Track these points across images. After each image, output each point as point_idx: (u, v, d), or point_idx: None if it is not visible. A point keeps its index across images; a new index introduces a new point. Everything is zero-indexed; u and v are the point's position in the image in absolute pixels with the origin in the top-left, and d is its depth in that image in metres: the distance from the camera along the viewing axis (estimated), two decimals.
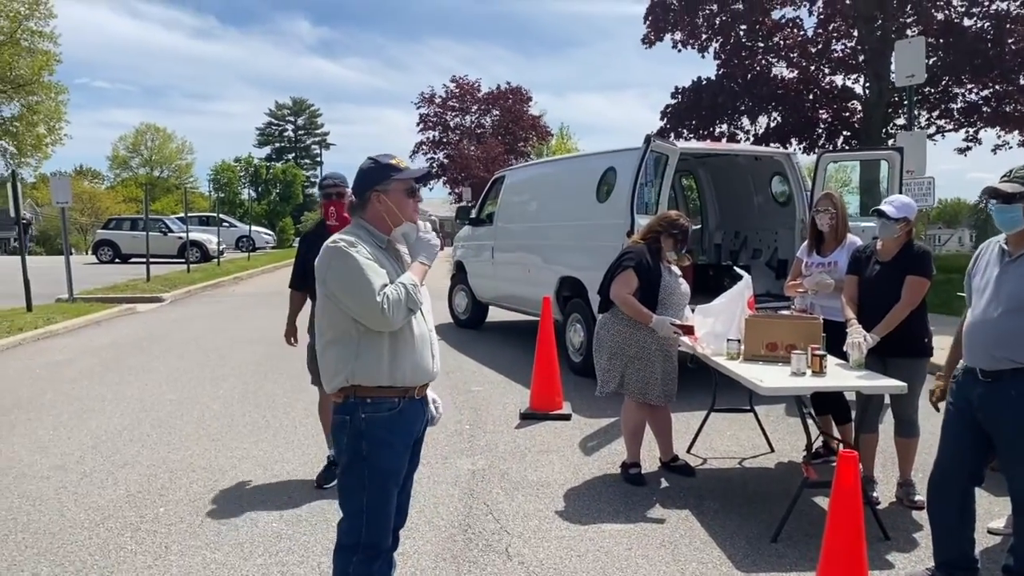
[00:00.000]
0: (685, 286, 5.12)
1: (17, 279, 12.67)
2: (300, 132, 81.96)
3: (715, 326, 4.95)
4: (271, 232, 41.90)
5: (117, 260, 26.39)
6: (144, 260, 20.75)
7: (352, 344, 2.70)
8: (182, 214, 32.42)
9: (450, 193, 53.55)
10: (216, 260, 24.29)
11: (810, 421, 4.66)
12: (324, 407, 5.06)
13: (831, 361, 4.44)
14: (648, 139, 6.88)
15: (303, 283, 4.97)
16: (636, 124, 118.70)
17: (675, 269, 5.11)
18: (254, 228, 34.63)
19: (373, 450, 2.74)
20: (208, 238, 25.97)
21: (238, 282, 19.89)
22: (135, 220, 27.92)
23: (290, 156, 79.39)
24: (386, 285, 2.64)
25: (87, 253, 33.78)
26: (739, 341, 4.79)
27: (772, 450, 5.71)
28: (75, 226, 51.92)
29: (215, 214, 31.30)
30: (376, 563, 2.81)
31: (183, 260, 23.39)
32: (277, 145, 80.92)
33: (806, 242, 5.35)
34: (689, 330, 4.88)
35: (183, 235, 25.28)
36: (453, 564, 3.89)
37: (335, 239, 2.72)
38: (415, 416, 2.86)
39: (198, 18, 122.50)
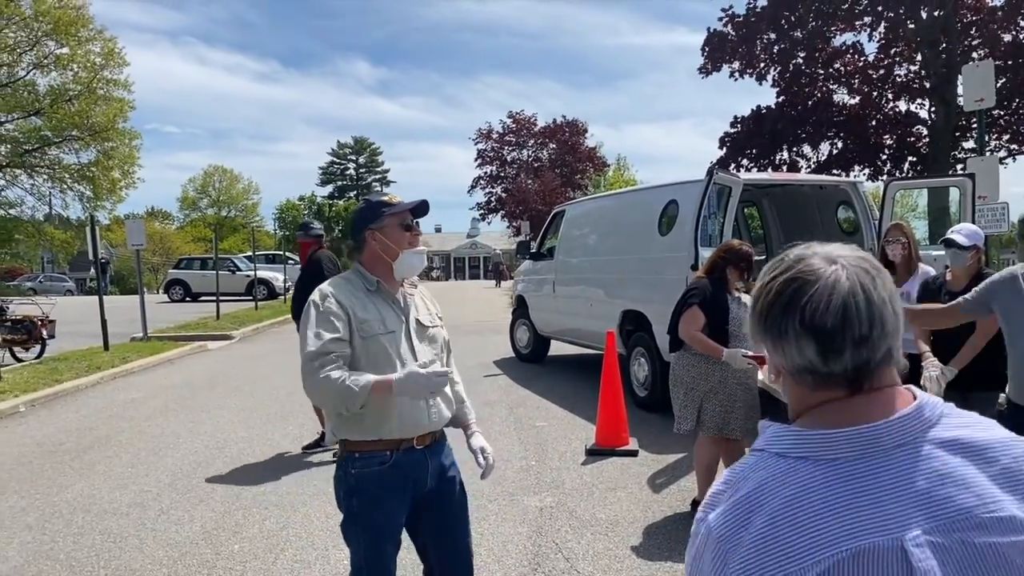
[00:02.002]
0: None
1: (94, 319, 13.15)
2: (361, 170, 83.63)
3: None
4: (336, 268, 42.65)
5: (188, 299, 27.17)
6: (214, 298, 21.36)
7: None
8: (249, 253, 33.29)
9: (508, 227, 53.97)
10: (283, 297, 24.81)
11: None
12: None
13: None
14: (711, 171, 6.86)
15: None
16: (693, 153, 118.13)
17: (745, 299, 5.04)
18: None
19: (363, 507, 2.65)
20: (275, 275, 26.59)
21: None
22: (204, 260, 28.78)
23: (352, 194, 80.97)
24: (335, 354, 2.53)
25: (158, 292, 34.89)
26: None
27: None
28: (147, 266, 53.73)
29: (281, 252, 32.05)
30: None
31: (251, 297, 23.97)
32: (339, 183, 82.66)
33: None
34: (763, 360, 4.81)
35: (250, 273, 25.94)
36: None
37: (316, 290, 2.68)
38: (414, 468, 2.68)
39: (261, 62, 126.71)
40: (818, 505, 1.00)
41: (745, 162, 22.46)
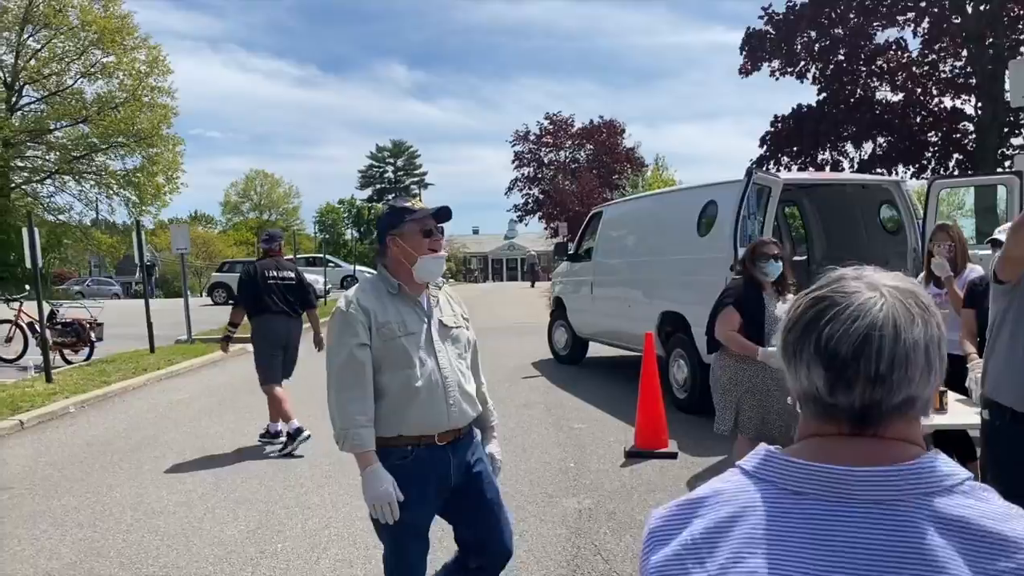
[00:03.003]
0: None
1: (139, 321, 13.43)
2: (400, 173, 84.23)
3: None
4: (373, 271, 43.06)
5: (231, 302, 27.55)
6: None
7: None
8: (289, 256, 33.69)
9: (546, 228, 53.98)
10: (323, 299, 25.09)
11: None
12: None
13: (951, 397, 4.26)
14: (750, 172, 6.81)
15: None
16: (732, 153, 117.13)
17: (789, 298, 4.95)
18: (358, 268, 35.69)
19: None
20: (315, 278, 26.85)
21: None
22: (247, 263, 29.20)
23: (390, 196, 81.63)
24: (355, 368, 2.68)
25: (202, 295, 35.49)
26: None
27: None
28: (191, 269, 54.74)
29: (321, 255, 32.42)
30: None
31: None
32: (378, 186, 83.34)
33: (923, 274, 5.16)
34: None
35: None
36: None
37: (342, 298, 2.82)
38: (436, 463, 2.77)
39: (300, 68, 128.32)
40: (752, 535, 0.93)
41: (786, 160, 22.20)
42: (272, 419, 7.14)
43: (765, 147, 22.80)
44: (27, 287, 14.26)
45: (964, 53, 20.81)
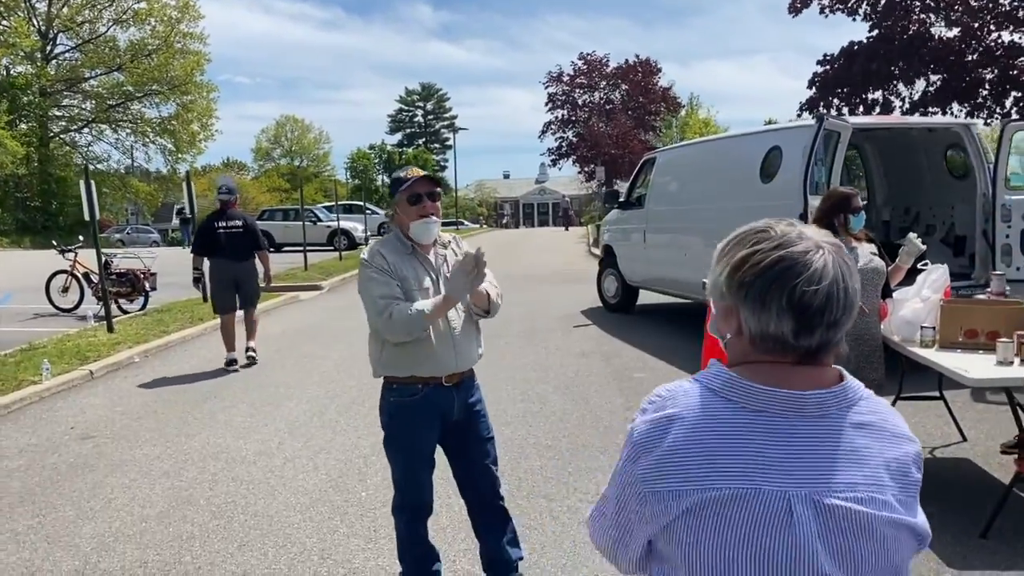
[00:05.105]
0: (869, 262, 4.76)
1: (184, 271, 13.57)
2: (429, 117, 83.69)
3: (906, 313, 4.75)
4: None
5: (271, 249, 27.73)
6: (296, 249, 21.83)
7: (379, 340, 3.19)
8: (323, 203, 33.78)
9: (580, 172, 53.49)
10: (362, 247, 25.24)
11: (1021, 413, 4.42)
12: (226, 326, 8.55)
13: None
14: (821, 117, 6.66)
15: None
16: (770, 92, 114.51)
17: (861, 246, 4.76)
18: None
19: (398, 430, 3.24)
20: (354, 226, 27.00)
21: None
22: (287, 211, 29.36)
23: (420, 141, 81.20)
24: (393, 299, 3.01)
25: None
26: (934, 329, 4.59)
27: (964, 439, 5.45)
28: None
29: (359, 202, 32.49)
30: (417, 523, 3.35)
31: (332, 248, 24.45)
32: (408, 131, 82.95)
33: None
34: (861, 311, 4.67)
35: (331, 224, 26.38)
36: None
37: (364, 251, 3.22)
38: (442, 401, 3.19)
39: (324, 10, 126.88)
40: (729, 444, 1.17)
41: (836, 103, 21.60)
42: (227, 349, 8.56)
43: (814, 88, 22.19)
44: (80, 237, 14.44)
45: None
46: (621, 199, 11.35)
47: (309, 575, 3.85)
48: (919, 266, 4.89)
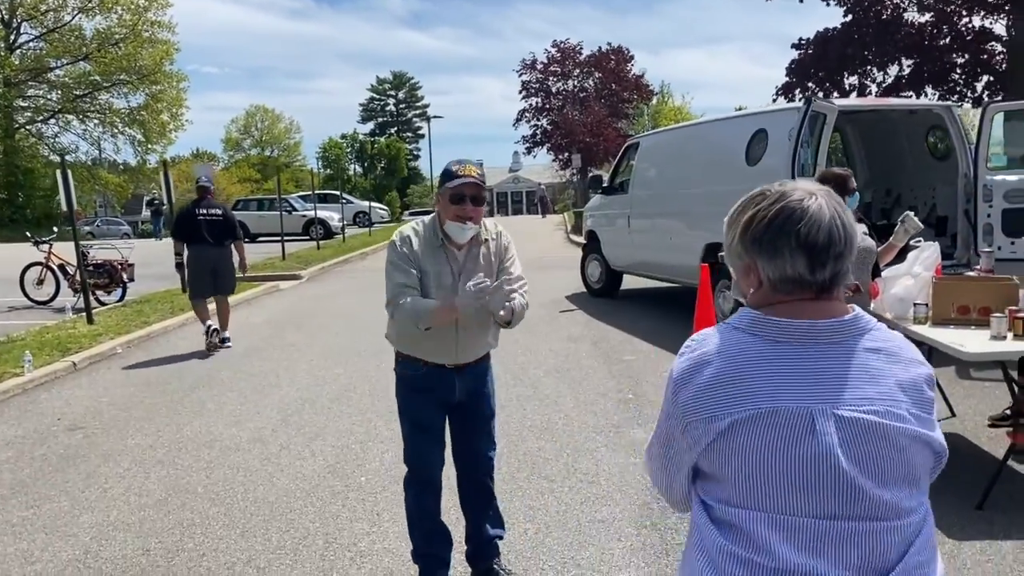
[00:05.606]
0: (861, 242, 4.85)
1: (160, 261, 13.40)
2: (401, 106, 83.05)
3: (899, 291, 4.82)
4: (386, 207, 42.89)
5: (247, 240, 27.45)
6: (271, 239, 21.63)
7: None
8: (296, 193, 33.50)
9: (554, 160, 53.48)
10: (341, 236, 25.07)
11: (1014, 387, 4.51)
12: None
13: None
14: (808, 99, 6.71)
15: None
16: (740, 80, 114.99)
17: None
18: (372, 204, 35.53)
19: (402, 400, 3.37)
20: (329, 215, 26.81)
21: (364, 257, 20.48)
22: (261, 200, 29.08)
23: (392, 130, 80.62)
24: (407, 288, 3.08)
25: None
26: (927, 306, 4.65)
27: (953, 414, 5.55)
28: None
29: (333, 192, 32.24)
30: (424, 497, 3.42)
31: (308, 237, 24.24)
32: (380, 120, 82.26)
33: None
34: (856, 289, 4.73)
35: (306, 213, 26.17)
36: (655, 531, 3.98)
37: (397, 230, 3.25)
38: (442, 381, 3.25)
39: None
40: (756, 370, 1.32)
41: (812, 87, 21.76)
42: (221, 328, 8.96)
43: (790, 74, 22.30)
44: (55, 228, 14.20)
45: None
46: (604, 184, 11.35)
47: (316, 559, 3.83)
48: (911, 243, 4.96)
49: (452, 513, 3.70)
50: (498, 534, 3.56)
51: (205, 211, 8.73)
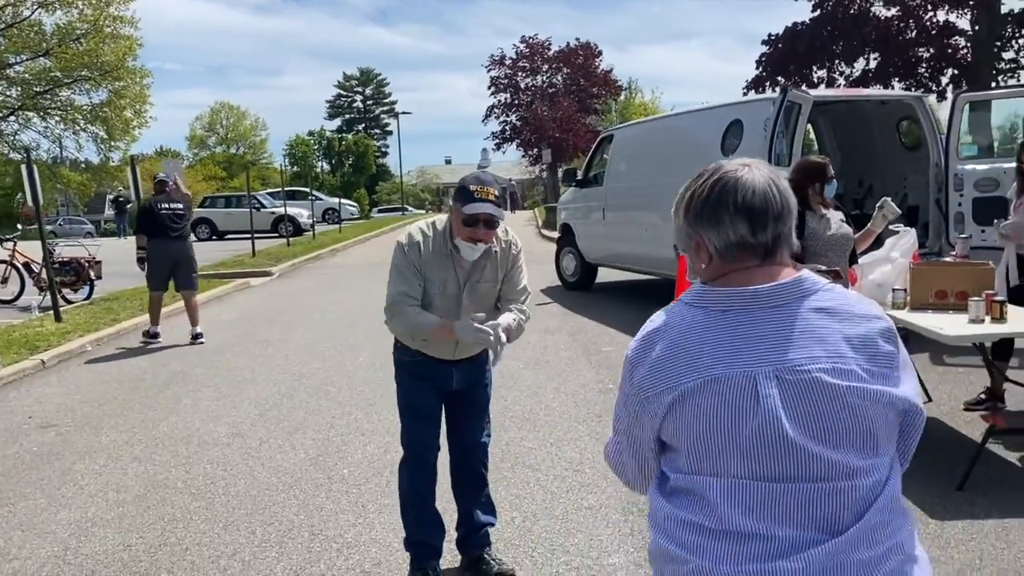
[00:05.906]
0: (839, 228, 4.86)
1: (126, 259, 13.14)
2: (369, 102, 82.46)
3: (876, 277, 4.88)
4: (355, 204, 42.63)
5: (214, 237, 27.22)
6: (240, 236, 21.37)
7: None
8: (263, 191, 33.17)
9: (524, 156, 53.47)
10: (311, 233, 24.84)
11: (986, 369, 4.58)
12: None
13: (1010, 308, 4.35)
14: (785, 89, 6.76)
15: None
16: (706, 75, 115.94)
17: (830, 213, 4.83)
18: (342, 201, 35.28)
19: (400, 382, 3.41)
20: (299, 212, 26.56)
21: (335, 253, 20.33)
22: (228, 198, 28.74)
23: (360, 127, 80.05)
24: (408, 297, 3.09)
25: None
26: (905, 291, 4.71)
27: (929, 399, 5.62)
28: None
29: (302, 188, 31.95)
30: (416, 479, 3.42)
31: (277, 234, 23.99)
32: (347, 116, 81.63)
33: (1015, 184, 5.21)
34: (836, 275, 4.75)
35: (275, 210, 25.92)
36: (642, 517, 3.97)
37: (407, 230, 3.21)
38: (439, 370, 3.30)
39: None
40: (701, 341, 1.36)
41: (782, 81, 21.98)
42: (152, 323, 9.07)
43: (761, 68, 22.50)
44: (19, 226, 13.90)
45: None
46: (579, 178, 11.36)
47: (302, 551, 3.78)
48: (891, 227, 5.01)
49: (444, 502, 3.67)
50: (489, 521, 3.54)
51: (168, 205, 8.91)
